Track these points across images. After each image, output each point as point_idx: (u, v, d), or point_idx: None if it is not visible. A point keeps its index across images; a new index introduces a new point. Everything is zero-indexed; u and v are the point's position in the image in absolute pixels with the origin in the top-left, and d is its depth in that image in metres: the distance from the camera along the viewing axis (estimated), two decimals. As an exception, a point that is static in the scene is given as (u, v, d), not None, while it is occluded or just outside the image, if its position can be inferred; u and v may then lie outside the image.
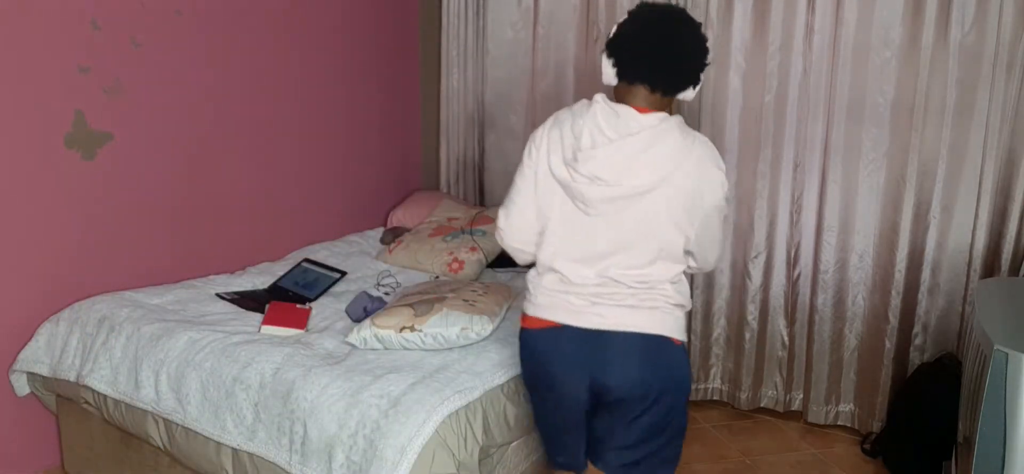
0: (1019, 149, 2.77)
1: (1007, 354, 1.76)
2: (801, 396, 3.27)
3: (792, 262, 3.20)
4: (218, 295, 2.76)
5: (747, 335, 3.31)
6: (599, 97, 1.80)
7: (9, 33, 2.39)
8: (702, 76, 1.82)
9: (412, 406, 1.97)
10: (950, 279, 2.96)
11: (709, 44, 1.83)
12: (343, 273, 2.99)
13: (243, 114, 3.11)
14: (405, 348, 2.31)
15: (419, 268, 3.19)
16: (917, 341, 3.04)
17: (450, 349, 2.31)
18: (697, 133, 1.82)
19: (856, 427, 3.20)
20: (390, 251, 3.34)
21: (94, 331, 2.49)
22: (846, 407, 3.20)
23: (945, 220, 2.92)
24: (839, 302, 3.13)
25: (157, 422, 2.33)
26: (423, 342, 2.29)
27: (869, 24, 2.90)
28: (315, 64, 3.38)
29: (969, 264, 2.90)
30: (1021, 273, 2.76)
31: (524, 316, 1.92)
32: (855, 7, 2.91)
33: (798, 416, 3.29)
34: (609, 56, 1.80)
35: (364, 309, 2.57)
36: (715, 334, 3.37)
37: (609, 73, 1.82)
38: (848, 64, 2.96)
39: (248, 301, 2.72)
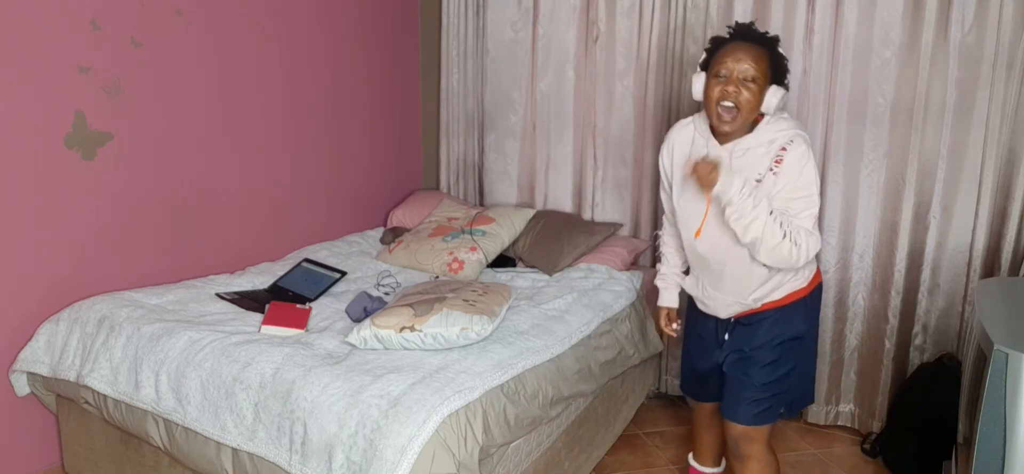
0: (1019, 149, 2.77)
1: (1007, 354, 1.75)
2: (801, 396, 3.27)
3: (792, 262, 3.20)
4: (218, 295, 2.76)
5: (747, 335, 3.31)
6: None
7: (9, 33, 2.39)
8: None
9: (412, 406, 1.97)
10: (950, 279, 2.96)
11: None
12: (343, 273, 2.99)
13: (243, 114, 3.11)
14: (405, 348, 2.30)
15: (419, 268, 3.19)
16: (917, 341, 3.04)
17: (450, 349, 2.31)
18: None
19: (856, 427, 3.20)
20: (390, 251, 3.33)
21: (94, 331, 2.49)
22: (846, 407, 3.20)
23: (945, 220, 2.92)
24: (839, 302, 3.13)
25: (157, 422, 2.33)
26: (423, 342, 2.29)
27: (869, 24, 2.90)
28: (315, 64, 3.38)
29: (969, 264, 2.90)
30: (1021, 273, 2.76)
31: (816, 275, 2.29)
32: (855, 7, 2.91)
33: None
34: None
35: (364, 309, 2.57)
36: (715, 334, 3.36)
37: None
38: (848, 64, 2.96)
39: (248, 301, 2.72)
